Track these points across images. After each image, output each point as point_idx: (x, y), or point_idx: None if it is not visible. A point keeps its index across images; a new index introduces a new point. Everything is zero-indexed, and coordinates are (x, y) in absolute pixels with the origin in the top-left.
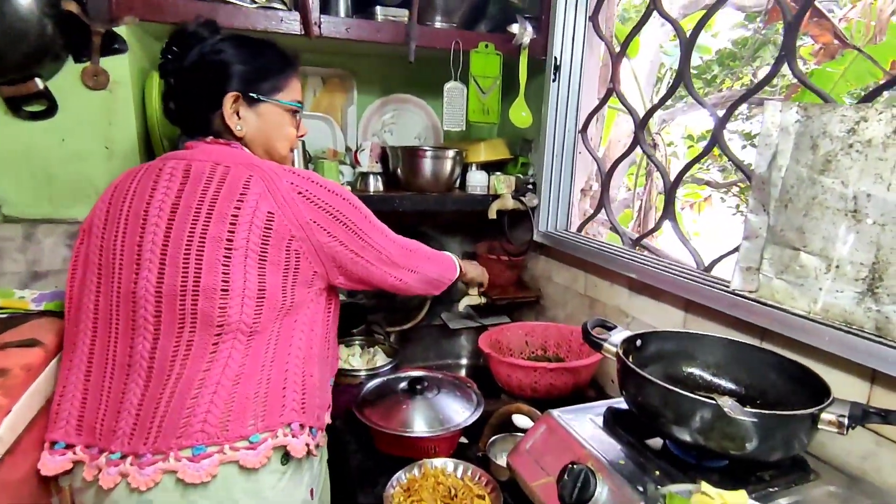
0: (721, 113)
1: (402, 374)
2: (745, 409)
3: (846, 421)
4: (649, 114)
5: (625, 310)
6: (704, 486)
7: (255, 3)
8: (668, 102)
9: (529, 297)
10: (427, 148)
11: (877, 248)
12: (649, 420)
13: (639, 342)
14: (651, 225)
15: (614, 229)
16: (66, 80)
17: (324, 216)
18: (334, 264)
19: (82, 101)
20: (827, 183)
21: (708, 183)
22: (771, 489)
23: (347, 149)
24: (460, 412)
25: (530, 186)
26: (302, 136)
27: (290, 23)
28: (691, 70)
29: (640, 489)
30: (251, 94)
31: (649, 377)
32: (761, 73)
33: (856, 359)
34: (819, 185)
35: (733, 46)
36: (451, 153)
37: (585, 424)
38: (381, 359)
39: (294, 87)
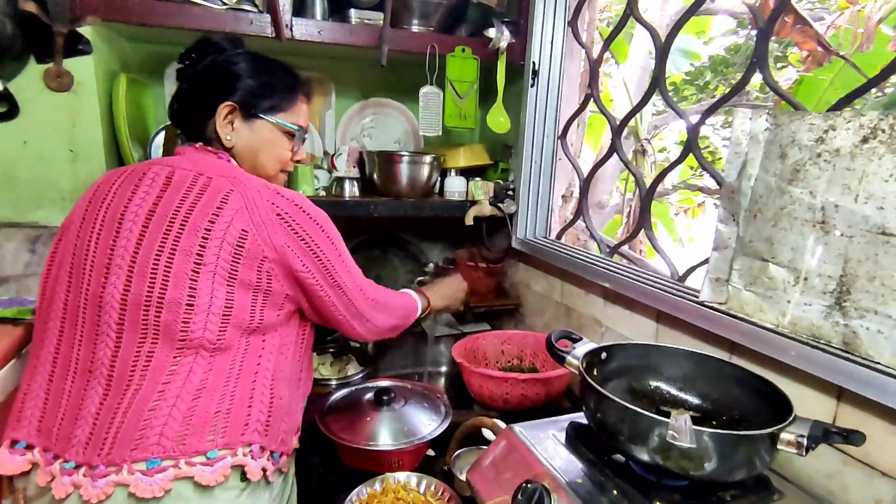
0: (711, 120)
1: (370, 385)
2: (694, 428)
3: (805, 441)
4: (625, 121)
5: (600, 319)
6: None
7: (225, 4)
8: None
9: (509, 305)
10: (403, 153)
11: (844, 260)
12: (608, 437)
13: (604, 355)
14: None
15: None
16: (28, 82)
17: (299, 244)
18: (302, 293)
19: (45, 102)
20: (795, 193)
21: (701, 189)
22: None
23: (326, 153)
24: (427, 424)
25: (510, 193)
26: (299, 160)
27: (261, 25)
28: (685, 76)
29: None
30: (250, 109)
31: (606, 393)
32: (754, 79)
33: (822, 375)
34: (788, 195)
35: (726, 53)
36: (427, 158)
37: (547, 440)
38: (353, 368)
39: (298, 110)
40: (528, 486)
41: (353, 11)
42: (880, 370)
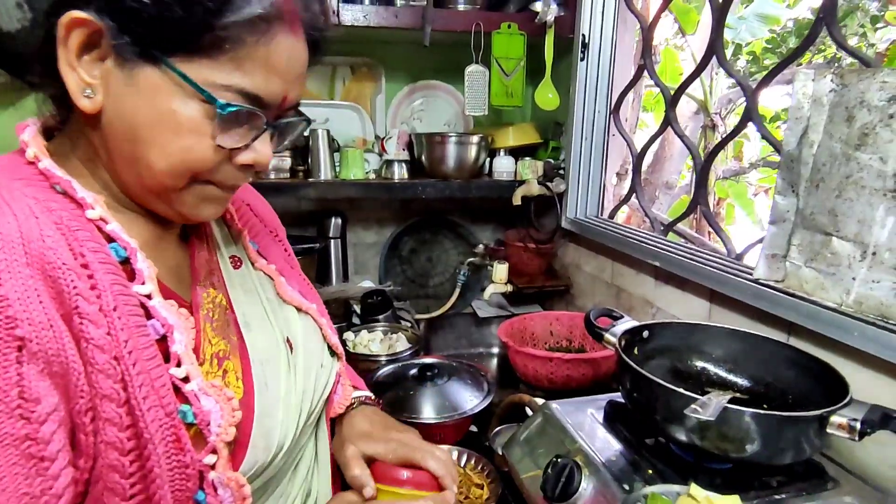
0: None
1: (416, 361)
2: (733, 407)
3: (858, 426)
4: (679, 92)
5: (650, 300)
6: (693, 488)
7: None
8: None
9: (559, 286)
10: (450, 133)
11: None
12: (643, 416)
13: (646, 333)
14: None
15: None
16: None
17: None
18: None
19: None
20: (864, 159)
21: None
22: (777, 496)
23: (377, 137)
24: (469, 400)
25: (560, 172)
26: (250, 165)
27: None
28: (765, 44)
29: (626, 487)
30: (127, 35)
31: (639, 369)
32: (851, 43)
33: (890, 358)
34: (854, 161)
35: (813, 15)
36: (475, 139)
37: (584, 418)
38: (402, 345)
39: (256, 59)
40: (559, 460)
41: None
42: None
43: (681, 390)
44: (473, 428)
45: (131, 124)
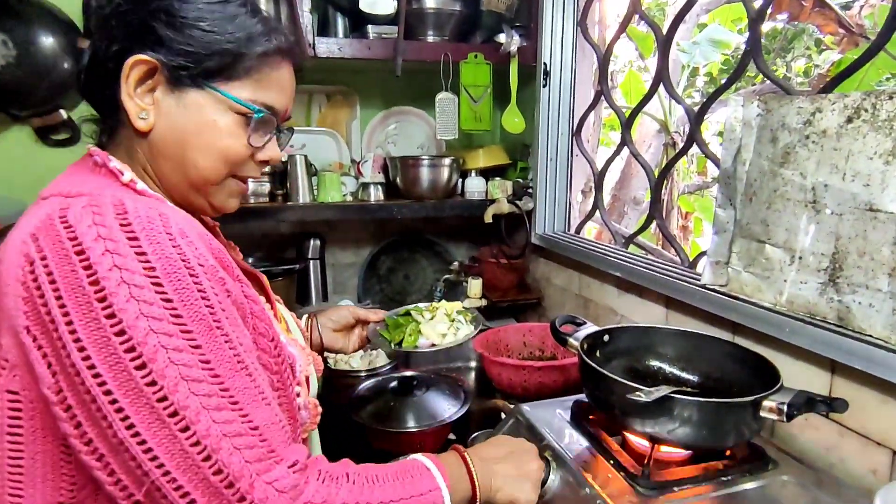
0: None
1: (396, 375)
2: (675, 396)
3: (786, 408)
4: (633, 114)
5: (614, 308)
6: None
7: None
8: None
9: (531, 299)
10: (423, 157)
11: (836, 237)
12: (604, 411)
13: (606, 337)
14: (674, 224)
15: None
16: (87, 110)
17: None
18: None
19: None
20: (787, 175)
21: None
22: (724, 478)
23: (353, 161)
24: (447, 409)
25: (529, 190)
26: (266, 161)
27: None
28: (721, 66)
29: (591, 477)
30: (182, 70)
31: (597, 367)
32: (795, 66)
33: (816, 349)
34: (780, 177)
35: (764, 40)
36: (447, 161)
37: (553, 418)
38: (381, 360)
39: (270, 80)
40: None
41: (370, 27)
42: (872, 342)
43: (633, 384)
44: (452, 436)
45: (182, 134)
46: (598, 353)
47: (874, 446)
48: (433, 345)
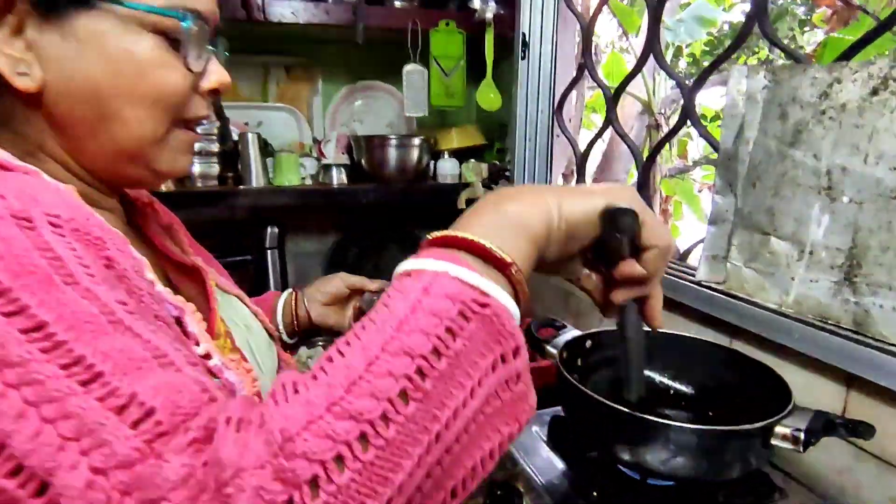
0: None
1: None
2: (678, 425)
3: (802, 436)
4: (620, 89)
5: None
6: None
7: None
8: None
9: None
10: (390, 136)
11: (854, 230)
12: (585, 435)
13: (589, 343)
14: (656, 208)
15: None
16: None
17: None
18: None
19: None
20: (798, 157)
21: None
22: None
23: (315, 141)
24: None
25: (506, 174)
26: (216, 90)
27: (233, 6)
28: (704, 47)
29: None
30: None
31: (577, 385)
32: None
33: (829, 359)
34: (789, 159)
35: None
36: (416, 141)
37: (527, 436)
38: None
39: None
40: (498, 491)
41: None
42: (894, 353)
43: (621, 408)
44: None
45: (89, 83)
46: (579, 362)
47: (895, 472)
48: None
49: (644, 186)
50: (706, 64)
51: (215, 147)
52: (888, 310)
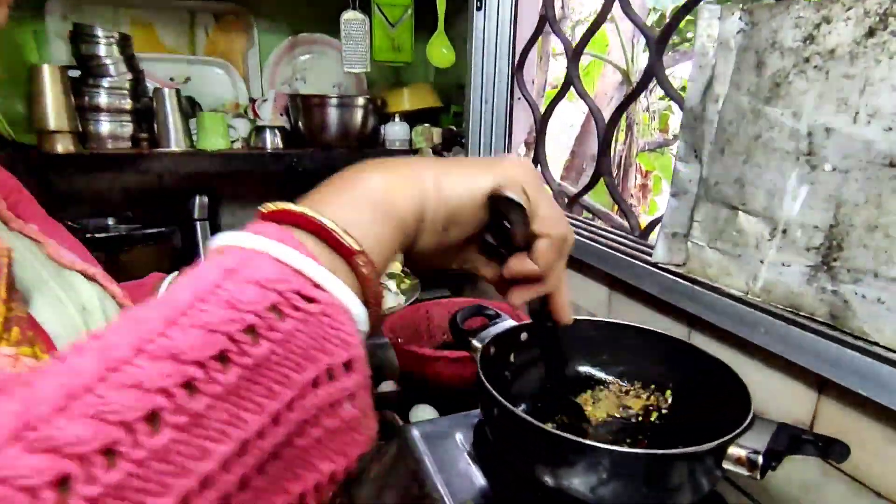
0: None
1: None
2: (604, 447)
3: (760, 459)
4: (581, 45)
5: None
6: None
7: None
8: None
9: (465, 270)
10: (329, 95)
11: (836, 204)
12: (506, 453)
13: (524, 336)
14: (631, 183)
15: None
16: None
17: None
18: None
19: None
20: (774, 116)
21: None
22: None
23: (252, 100)
24: None
25: (462, 140)
26: None
27: None
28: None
29: None
30: None
31: (487, 386)
32: None
33: (799, 360)
34: (764, 118)
35: None
36: (360, 101)
37: (450, 445)
38: None
39: None
40: None
41: None
42: (877, 354)
43: (535, 422)
44: None
45: None
46: (511, 357)
47: (869, 495)
48: None
49: (604, 154)
50: (691, 35)
51: (127, 104)
52: (871, 300)
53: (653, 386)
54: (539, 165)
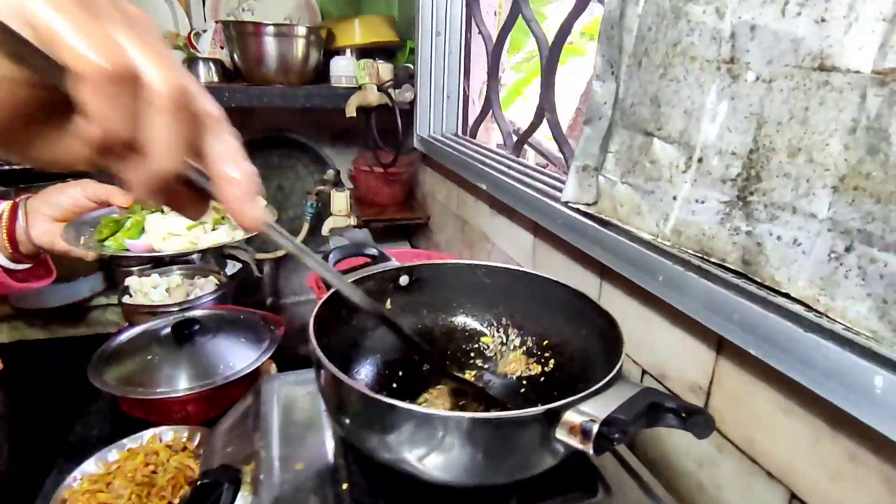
0: None
1: (171, 319)
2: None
3: (595, 429)
4: None
5: (487, 233)
6: None
7: None
8: None
9: (415, 219)
10: (266, 24)
11: (758, 124)
12: (333, 418)
13: (404, 279)
14: None
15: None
16: None
17: None
18: None
19: None
20: (696, 14)
21: None
22: None
23: (196, 34)
24: (238, 362)
25: (412, 78)
26: None
27: None
28: None
29: None
30: None
31: (317, 346)
32: None
33: (698, 315)
34: (685, 19)
35: None
36: (301, 31)
37: (303, 401)
38: (209, 286)
39: None
40: (201, 483)
41: None
42: (783, 309)
43: (345, 378)
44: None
45: None
46: (388, 304)
47: (763, 477)
48: (152, 249)
49: (548, 85)
50: None
51: None
52: (787, 242)
53: (546, 342)
54: (492, 107)
